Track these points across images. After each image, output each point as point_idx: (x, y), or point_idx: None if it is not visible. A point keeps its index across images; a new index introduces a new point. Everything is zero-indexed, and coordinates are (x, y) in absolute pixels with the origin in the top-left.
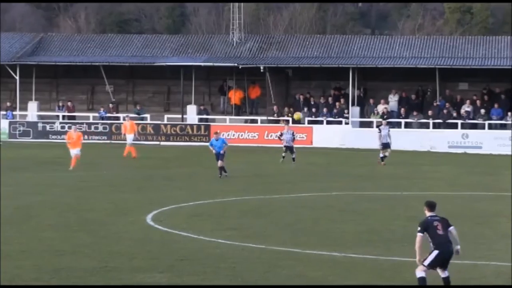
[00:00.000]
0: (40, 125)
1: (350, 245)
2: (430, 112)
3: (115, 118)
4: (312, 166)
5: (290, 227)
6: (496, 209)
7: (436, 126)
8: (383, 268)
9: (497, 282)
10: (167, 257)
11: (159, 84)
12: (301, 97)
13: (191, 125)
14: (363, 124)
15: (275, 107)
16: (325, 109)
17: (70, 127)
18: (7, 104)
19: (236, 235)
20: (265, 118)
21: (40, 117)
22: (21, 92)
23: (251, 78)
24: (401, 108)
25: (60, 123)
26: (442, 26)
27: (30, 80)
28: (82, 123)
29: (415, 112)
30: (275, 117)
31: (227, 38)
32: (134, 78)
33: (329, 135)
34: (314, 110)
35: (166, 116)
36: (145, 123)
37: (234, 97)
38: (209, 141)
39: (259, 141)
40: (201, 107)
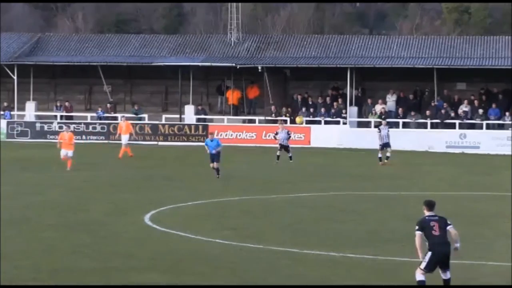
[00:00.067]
0: (38, 125)
1: (349, 245)
2: (428, 112)
3: (113, 118)
4: (311, 166)
5: (289, 227)
6: (495, 209)
7: (434, 126)
8: (382, 268)
9: (496, 282)
10: (166, 257)
11: (157, 84)
12: (299, 97)
13: (189, 125)
14: (361, 124)
15: (273, 107)
16: (323, 109)
17: (64, 128)
18: (5, 104)
19: (235, 235)
20: (263, 118)
21: (38, 117)
22: (19, 92)
23: (249, 78)
24: (399, 108)
25: (58, 123)
26: (440, 26)
27: (28, 80)
28: (80, 123)
29: (413, 112)
30: (273, 117)
31: (225, 38)
32: (132, 78)
33: (327, 135)
34: (312, 110)
35: (164, 116)
36: (143, 123)
37: (232, 97)
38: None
39: (257, 141)
40: (199, 107)
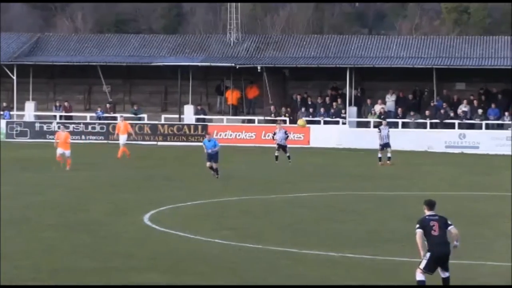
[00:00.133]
0: (37, 125)
1: (349, 245)
2: (427, 112)
3: (112, 118)
4: (310, 166)
5: (289, 227)
6: (494, 209)
7: (433, 126)
8: (382, 268)
9: (495, 282)
10: (166, 257)
11: (156, 84)
12: (299, 97)
13: (188, 125)
14: (360, 124)
15: (272, 107)
16: (322, 109)
17: (60, 127)
18: (4, 104)
19: (234, 235)
20: (262, 118)
21: (37, 117)
22: (18, 92)
23: (248, 78)
24: (398, 108)
25: (57, 123)
26: (439, 26)
27: (27, 80)
28: (79, 123)
29: (412, 112)
30: (273, 117)
31: (224, 38)
32: (131, 78)
33: (326, 135)
34: (312, 110)
35: (163, 116)
36: (142, 123)
37: (231, 97)
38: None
39: (256, 141)
40: (199, 107)
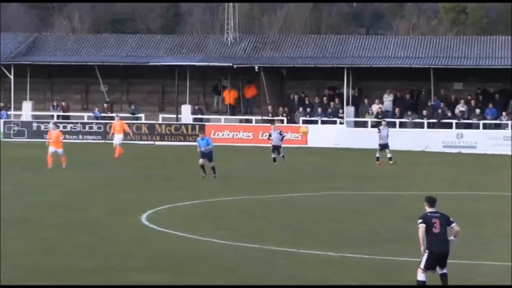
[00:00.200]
0: (35, 125)
1: (348, 245)
2: (425, 112)
3: (110, 118)
4: (308, 166)
5: (287, 227)
6: (492, 209)
7: (431, 126)
8: (382, 268)
9: (494, 282)
10: (164, 257)
11: (154, 84)
12: (296, 97)
13: (186, 125)
14: (358, 124)
15: (270, 107)
16: (320, 109)
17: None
18: (1, 104)
19: (232, 235)
20: (260, 118)
21: (35, 117)
22: (16, 92)
23: (246, 78)
24: (396, 108)
25: (53, 123)
26: (437, 26)
27: (25, 80)
28: (77, 123)
29: (410, 112)
30: (270, 117)
31: (222, 38)
32: (129, 78)
33: (324, 135)
34: (309, 110)
35: (161, 116)
36: (140, 123)
37: (229, 97)
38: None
39: (254, 141)
40: (196, 107)
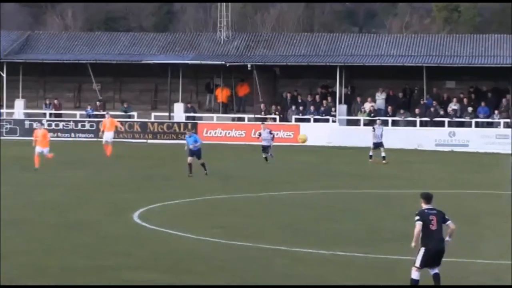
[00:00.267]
0: (27, 123)
1: (345, 244)
2: (417, 110)
3: (102, 116)
4: (301, 164)
5: (282, 226)
6: (485, 207)
7: (423, 124)
8: (375, 267)
9: (485, 280)
10: (159, 256)
11: (146, 82)
12: (289, 95)
13: (178, 123)
14: (350, 122)
15: (263, 105)
16: (313, 107)
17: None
18: None
19: (225, 233)
20: (252, 116)
21: (27, 115)
22: (8, 90)
23: (239, 76)
24: (388, 106)
25: (47, 121)
26: (430, 25)
27: (17, 78)
28: (69, 121)
29: (402, 110)
30: (263, 115)
31: (215, 36)
32: (121, 76)
33: (317, 133)
34: (302, 108)
35: (153, 114)
36: (132, 121)
37: (221, 95)
38: (198, 139)
39: (246, 139)
40: (189, 105)
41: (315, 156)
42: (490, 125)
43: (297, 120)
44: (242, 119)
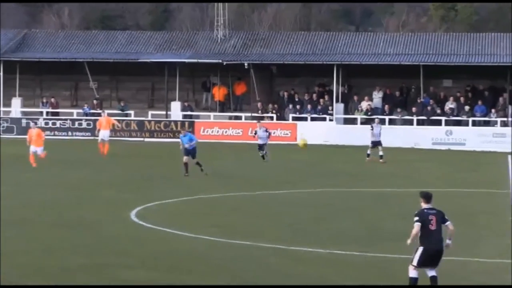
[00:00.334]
0: (24, 122)
1: (339, 242)
2: (414, 109)
3: (99, 115)
4: (297, 163)
5: (278, 224)
6: (483, 206)
7: (420, 123)
8: (374, 265)
9: (483, 279)
10: (156, 255)
11: (143, 81)
12: (286, 94)
13: (175, 122)
14: (347, 121)
15: (259, 104)
16: (309, 106)
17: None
18: None
19: (222, 232)
20: (249, 115)
21: (24, 114)
22: (5, 89)
23: (235, 75)
24: (385, 105)
25: (44, 120)
26: (427, 23)
27: (14, 77)
28: (66, 120)
29: (399, 109)
30: (259, 114)
31: (211, 35)
32: (118, 75)
33: (313, 132)
34: (299, 107)
35: (150, 113)
36: (129, 120)
37: (218, 94)
38: (193, 137)
39: (243, 138)
40: (185, 104)
41: (312, 155)
42: (487, 124)
43: (294, 119)
44: (239, 118)
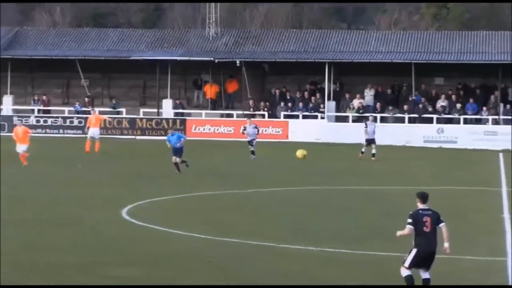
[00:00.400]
0: (15, 119)
1: (330, 240)
2: (406, 107)
3: (91, 112)
4: (289, 161)
5: (269, 222)
6: (474, 204)
7: (412, 121)
8: (364, 263)
9: (475, 277)
10: (148, 252)
11: (135, 78)
12: (277, 92)
13: (167, 119)
14: (339, 119)
15: (251, 102)
16: (301, 104)
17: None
18: None
19: (213, 230)
20: (241, 113)
21: (15, 111)
22: None
23: (227, 73)
24: (377, 103)
25: (36, 117)
26: (418, 21)
27: (5, 74)
28: (58, 117)
29: (391, 107)
30: (251, 112)
31: (203, 33)
32: (110, 72)
33: (305, 130)
34: (290, 105)
35: (142, 110)
36: (121, 117)
37: (210, 92)
38: (182, 135)
39: (235, 136)
40: (177, 102)
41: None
42: (479, 122)
43: (286, 117)
44: (231, 116)
